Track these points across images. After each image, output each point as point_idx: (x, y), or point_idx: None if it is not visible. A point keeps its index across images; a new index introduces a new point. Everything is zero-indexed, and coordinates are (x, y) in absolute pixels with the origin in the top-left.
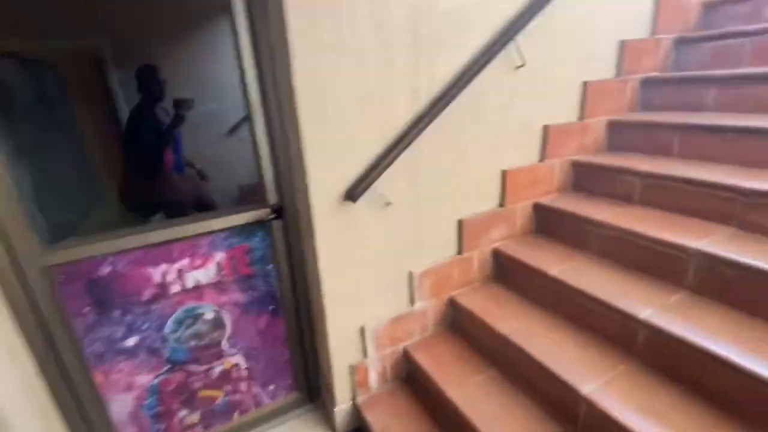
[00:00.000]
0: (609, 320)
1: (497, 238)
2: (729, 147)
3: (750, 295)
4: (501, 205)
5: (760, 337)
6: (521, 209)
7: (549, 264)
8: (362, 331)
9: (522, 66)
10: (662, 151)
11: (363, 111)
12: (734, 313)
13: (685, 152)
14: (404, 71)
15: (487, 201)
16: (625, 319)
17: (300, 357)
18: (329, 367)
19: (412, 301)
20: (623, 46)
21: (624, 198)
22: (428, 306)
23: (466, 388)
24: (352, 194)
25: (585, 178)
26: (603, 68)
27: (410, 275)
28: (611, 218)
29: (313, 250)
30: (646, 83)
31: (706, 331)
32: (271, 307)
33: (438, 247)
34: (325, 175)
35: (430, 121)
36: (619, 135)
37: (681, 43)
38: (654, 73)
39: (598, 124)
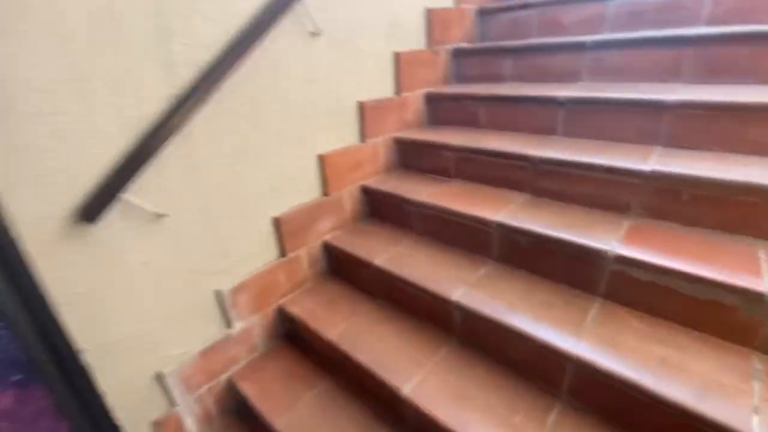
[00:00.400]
0: (429, 304)
1: (327, 230)
2: (522, 115)
3: (539, 259)
4: (325, 193)
5: (549, 301)
6: (348, 195)
7: (376, 252)
8: (160, 377)
9: (318, 34)
10: (473, 122)
11: (82, 94)
12: (530, 278)
13: (491, 123)
14: (144, 36)
15: (308, 191)
16: (441, 302)
17: (88, 425)
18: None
19: (228, 324)
20: (430, 15)
21: (443, 173)
22: (252, 323)
23: (296, 410)
24: (90, 212)
25: (409, 155)
26: (413, 38)
27: (218, 295)
28: (429, 196)
29: (41, 296)
30: (457, 54)
31: (506, 304)
32: (16, 378)
33: (252, 254)
34: (31, 189)
35: (201, 101)
36: (437, 108)
37: (482, 14)
38: (463, 44)
39: (416, 97)
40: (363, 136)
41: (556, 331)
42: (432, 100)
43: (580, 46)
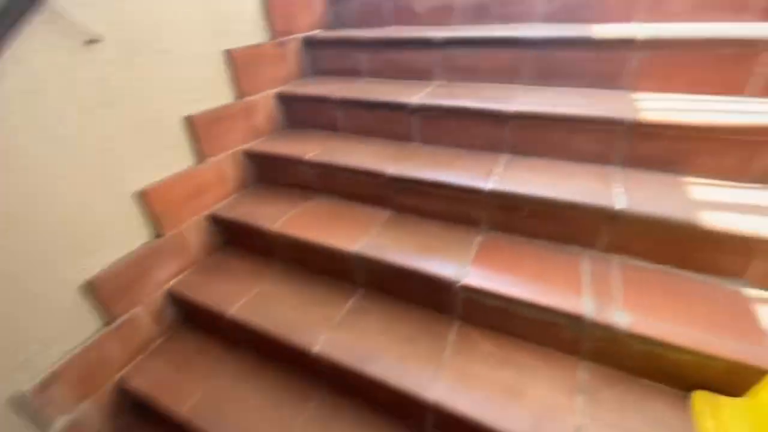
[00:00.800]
0: (293, 356)
1: (170, 276)
2: (380, 121)
3: (402, 286)
4: (158, 234)
5: (411, 335)
6: (194, 229)
7: (231, 297)
8: None
9: (99, 41)
10: (332, 126)
11: None
12: (396, 306)
13: (350, 127)
14: None
15: (131, 238)
16: (304, 354)
17: None
18: None
19: (45, 427)
20: (268, 2)
21: (305, 187)
22: (84, 413)
23: None
24: None
25: (266, 169)
26: (250, 31)
27: (18, 400)
28: (285, 224)
29: None
30: (308, 44)
31: (370, 346)
32: None
33: (60, 333)
34: None
35: None
36: (293, 109)
37: None
38: (315, 32)
39: (266, 99)
40: (200, 156)
41: (415, 371)
42: (286, 100)
43: (428, 43)
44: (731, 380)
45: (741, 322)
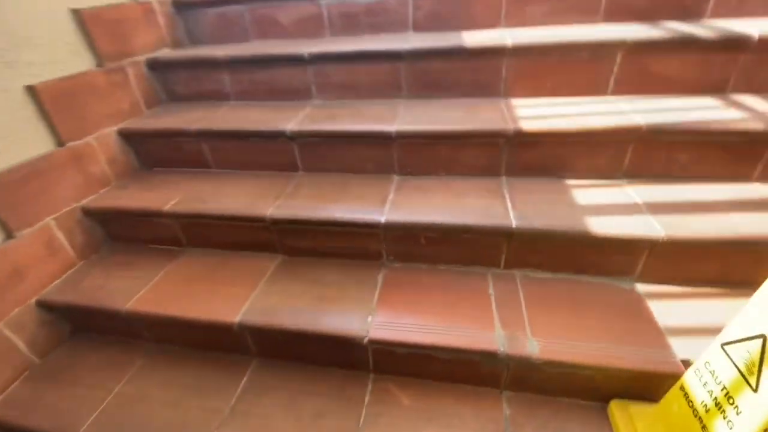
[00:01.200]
0: None
1: None
2: (257, 151)
3: (304, 349)
4: None
5: (320, 409)
6: (17, 326)
7: (79, 409)
8: None
9: None
10: (199, 162)
11: None
12: (299, 373)
13: (222, 162)
14: None
15: None
16: None
17: None
18: None
19: None
20: (84, 19)
21: (171, 242)
22: None
23: None
24: None
25: (117, 228)
26: (63, 57)
27: None
28: (147, 296)
29: None
30: (156, 68)
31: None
32: None
33: None
34: None
35: None
36: (144, 148)
37: (181, 7)
38: (163, 51)
39: (104, 140)
40: (9, 228)
41: None
42: (133, 138)
43: (299, 59)
44: (641, 387)
45: (640, 324)
